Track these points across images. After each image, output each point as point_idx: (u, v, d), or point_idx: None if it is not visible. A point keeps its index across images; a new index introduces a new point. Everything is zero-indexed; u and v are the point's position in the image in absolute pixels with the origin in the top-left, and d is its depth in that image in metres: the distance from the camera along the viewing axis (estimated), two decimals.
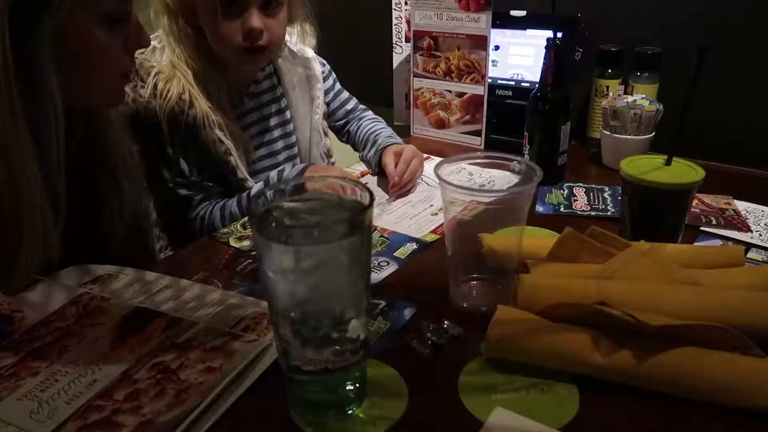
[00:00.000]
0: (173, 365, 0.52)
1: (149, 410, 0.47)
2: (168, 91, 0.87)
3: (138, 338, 0.55)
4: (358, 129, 1.11)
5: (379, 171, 0.99)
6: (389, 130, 1.08)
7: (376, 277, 0.68)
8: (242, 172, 0.95)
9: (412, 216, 0.85)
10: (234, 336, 0.55)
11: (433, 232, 0.80)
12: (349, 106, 1.14)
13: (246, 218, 0.84)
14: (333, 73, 1.13)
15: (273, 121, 1.03)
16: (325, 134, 1.11)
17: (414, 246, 0.76)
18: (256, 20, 0.86)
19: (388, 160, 0.94)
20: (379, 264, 0.71)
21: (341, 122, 1.14)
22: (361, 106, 1.17)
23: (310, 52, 1.06)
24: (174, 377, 0.50)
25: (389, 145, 0.99)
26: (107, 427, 0.45)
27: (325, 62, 1.12)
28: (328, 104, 1.12)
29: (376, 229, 0.80)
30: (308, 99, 1.07)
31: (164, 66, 0.88)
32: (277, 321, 0.45)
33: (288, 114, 1.06)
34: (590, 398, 0.49)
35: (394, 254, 0.74)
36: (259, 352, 0.53)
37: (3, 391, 0.49)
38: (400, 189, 0.92)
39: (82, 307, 0.60)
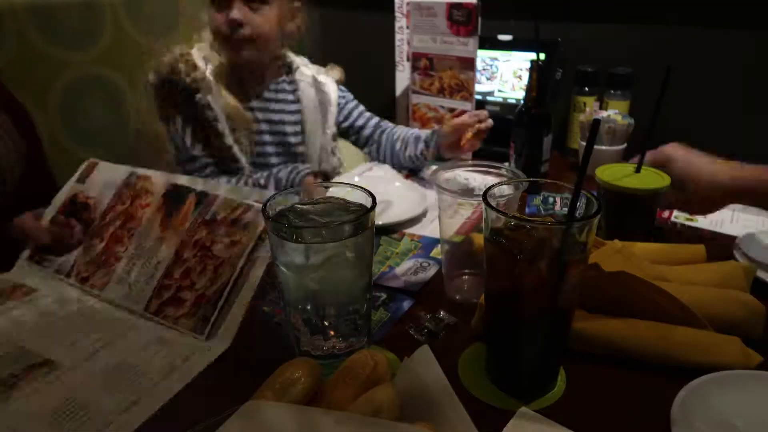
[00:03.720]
0: (207, 242, 0.59)
1: (200, 285, 0.56)
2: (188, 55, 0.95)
3: (178, 217, 0.62)
4: (395, 135, 1.09)
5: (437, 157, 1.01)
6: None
7: (424, 276, 0.66)
8: (237, 151, 0.97)
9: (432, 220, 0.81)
10: (246, 208, 0.59)
11: (457, 232, 0.75)
12: (374, 120, 1.14)
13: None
14: (355, 101, 1.14)
15: (264, 126, 1.03)
16: (333, 154, 1.12)
17: (446, 246, 0.68)
18: (236, 12, 0.92)
19: (451, 122, 0.97)
20: (421, 265, 0.69)
21: (370, 130, 1.13)
22: (386, 120, 1.15)
23: (332, 84, 1.09)
24: (210, 253, 0.58)
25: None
26: (176, 303, 0.55)
27: (344, 89, 1.13)
28: (354, 121, 1.12)
29: (404, 235, 0.77)
30: (321, 120, 1.08)
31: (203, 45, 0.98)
32: (290, 312, 0.45)
33: (288, 129, 1.06)
34: (576, 374, 0.49)
35: (431, 255, 0.71)
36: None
37: (104, 277, 0.60)
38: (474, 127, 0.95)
39: (132, 189, 0.67)
